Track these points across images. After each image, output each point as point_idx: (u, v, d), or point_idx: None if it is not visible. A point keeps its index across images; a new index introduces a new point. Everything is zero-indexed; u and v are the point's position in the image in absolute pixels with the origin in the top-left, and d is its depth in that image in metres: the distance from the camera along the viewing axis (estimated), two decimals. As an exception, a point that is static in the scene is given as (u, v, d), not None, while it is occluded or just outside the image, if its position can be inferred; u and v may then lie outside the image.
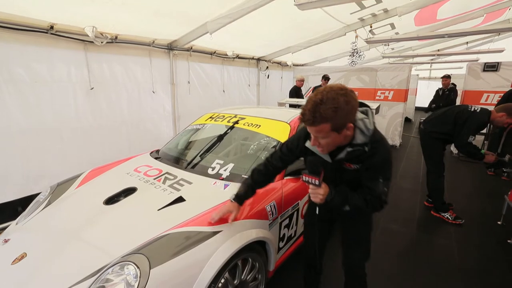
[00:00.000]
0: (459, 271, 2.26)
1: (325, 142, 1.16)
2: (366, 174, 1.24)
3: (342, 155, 1.23)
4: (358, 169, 1.25)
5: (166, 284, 1.19)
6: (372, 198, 1.23)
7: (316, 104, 1.06)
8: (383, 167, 1.22)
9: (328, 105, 1.04)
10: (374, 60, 8.91)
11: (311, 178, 1.19)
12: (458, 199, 3.48)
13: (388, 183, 1.23)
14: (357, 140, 1.19)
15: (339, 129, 1.11)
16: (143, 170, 2.09)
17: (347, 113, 1.08)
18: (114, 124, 3.61)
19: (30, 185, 2.88)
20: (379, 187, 1.21)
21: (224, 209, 1.46)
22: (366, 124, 1.20)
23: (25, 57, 2.71)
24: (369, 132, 1.19)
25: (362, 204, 1.24)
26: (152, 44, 3.83)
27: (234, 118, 2.46)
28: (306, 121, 1.10)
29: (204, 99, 5.03)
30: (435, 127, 3.04)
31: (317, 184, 1.19)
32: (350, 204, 1.24)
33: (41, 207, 1.84)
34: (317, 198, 1.22)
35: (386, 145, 1.24)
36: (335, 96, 1.05)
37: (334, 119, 1.06)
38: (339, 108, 1.05)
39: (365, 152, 1.20)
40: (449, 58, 8.97)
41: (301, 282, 1.94)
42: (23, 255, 1.41)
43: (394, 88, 6.18)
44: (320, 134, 1.13)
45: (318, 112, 1.05)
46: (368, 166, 1.22)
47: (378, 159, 1.20)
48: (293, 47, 5.64)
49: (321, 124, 1.08)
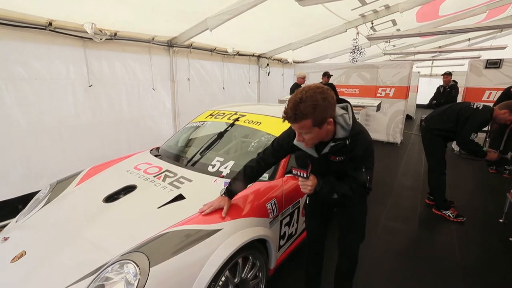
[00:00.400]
0: (461, 269, 2.25)
1: (308, 137, 1.26)
2: (350, 164, 1.36)
3: (326, 150, 1.34)
4: (343, 160, 1.37)
5: (166, 282, 1.18)
6: (357, 186, 1.34)
7: (296, 103, 1.16)
8: (364, 158, 1.33)
9: (307, 102, 1.15)
10: (375, 57, 8.85)
11: (299, 172, 1.31)
12: (459, 197, 3.46)
13: (371, 172, 1.35)
14: (339, 135, 1.30)
15: (320, 124, 1.20)
16: (143, 168, 2.08)
17: (325, 108, 1.18)
18: (113, 121, 3.59)
19: (30, 183, 2.87)
20: (362, 176, 1.33)
21: (215, 203, 1.52)
22: (346, 120, 1.30)
23: (23, 54, 2.69)
24: (348, 127, 1.30)
25: (349, 191, 1.35)
26: (151, 41, 3.80)
27: (234, 115, 2.44)
28: (288, 118, 1.20)
29: (204, 97, 5.01)
30: (437, 124, 3.01)
31: (305, 177, 1.31)
32: (338, 192, 1.35)
33: (40, 204, 1.83)
34: (306, 189, 1.34)
35: (366, 137, 1.34)
36: (313, 94, 1.16)
37: (313, 115, 1.16)
38: (318, 105, 1.15)
39: (346, 145, 1.30)
40: (450, 55, 8.91)
41: (302, 280, 1.94)
42: (22, 253, 1.40)
43: (395, 85, 6.15)
44: (303, 130, 1.22)
45: (299, 110, 1.15)
46: (351, 158, 1.34)
47: (359, 151, 1.31)
48: (294, 44, 5.60)
49: (302, 121, 1.18)
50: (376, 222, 2.94)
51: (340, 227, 1.65)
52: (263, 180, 1.84)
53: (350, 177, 1.37)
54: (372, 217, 3.02)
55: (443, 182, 3.08)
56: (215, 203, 1.52)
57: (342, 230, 1.64)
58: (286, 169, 1.99)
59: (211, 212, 1.50)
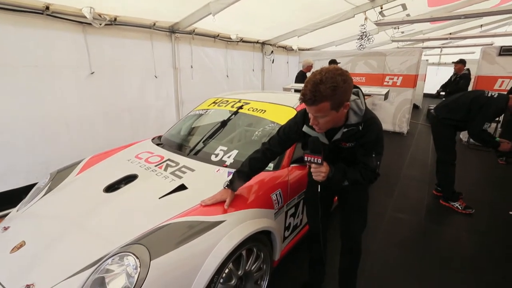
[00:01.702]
0: (469, 262, 2.20)
1: (324, 121, 1.21)
2: (360, 150, 1.33)
3: (338, 136, 1.31)
4: (353, 146, 1.34)
5: (168, 275, 1.14)
6: (367, 172, 1.33)
7: (315, 84, 1.10)
8: (376, 143, 1.31)
9: (327, 84, 1.09)
10: (382, 45, 8.60)
11: (313, 157, 1.25)
12: (467, 189, 3.37)
13: (380, 157, 1.34)
14: (351, 120, 1.27)
15: (337, 107, 1.16)
16: (144, 157, 2.03)
17: (344, 91, 1.14)
18: (116, 109, 3.53)
19: (35, 173, 2.84)
20: (372, 162, 1.31)
21: (217, 196, 1.46)
22: (358, 105, 1.27)
23: (21, 39, 2.61)
24: (361, 112, 1.27)
25: (359, 177, 1.33)
26: (153, 26, 3.69)
27: (238, 103, 2.36)
28: (307, 100, 1.14)
29: (208, 84, 4.91)
30: (448, 113, 2.90)
31: (319, 163, 1.25)
32: (348, 179, 1.32)
33: (41, 194, 1.80)
34: (319, 176, 1.27)
35: (378, 123, 1.32)
36: (333, 76, 1.10)
37: (333, 98, 1.12)
38: (338, 86, 1.10)
39: (359, 131, 1.28)
40: (461, 42, 8.62)
41: (306, 270, 1.91)
42: (21, 243, 1.38)
43: (403, 73, 5.98)
44: (320, 113, 1.17)
45: (318, 91, 1.10)
46: (362, 143, 1.31)
47: (371, 137, 1.29)
48: (299, 30, 5.43)
49: (321, 103, 1.12)
50: (382, 213, 2.88)
51: (343, 215, 1.63)
52: (267, 170, 1.77)
53: (360, 163, 1.34)
54: (378, 208, 2.96)
55: (452, 173, 2.99)
56: (217, 196, 1.46)
57: (345, 218, 1.62)
58: (291, 159, 1.92)
59: (213, 203, 1.45)
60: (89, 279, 1.13)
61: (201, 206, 1.44)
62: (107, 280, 1.12)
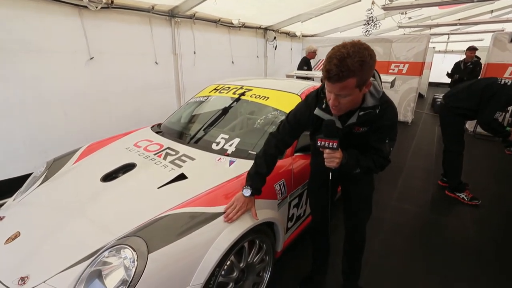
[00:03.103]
0: (475, 254, 2.15)
1: (346, 101, 1.11)
2: (374, 136, 1.26)
3: (353, 119, 1.22)
4: (366, 131, 1.26)
5: (166, 268, 1.09)
6: (379, 159, 1.26)
7: (342, 58, 0.99)
8: (391, 129, 1.25)
9: (355, 58, 0.99)
10: (388, 31, 8.35)
11: (328, 142, 1.15)
12: (474, 179, 3.31)
13: (394, 144, 1.27)
14: (368, 103, 1.19)
15: (362, 85, 1.08)
16: (143, 145, 1.96)
17: (370, 67, 1.06)
18: (115, 96, 3.43)
19: (34, 162, 2.78)
20: (386, 148, 1.24)
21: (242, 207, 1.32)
22: (376, 86, 1.19)
23: (16, 24, 2.50)
24: (379, 94, 1.19)
25: (371, 164, 1.26)
26: (151, 10, 3.54)
27: (240, 89, 2.27)
28: (332, 77, 1.03)
29: (210, 71, 4.77)
30: (458, 102, 2.80)
31: (335, 148, 1.15)
32: (361, 166, 1.25)
33: (37, 183, 1.75)
34: (333, 162, 1.18)
35: (394, 107, 1.25)
36: (359, 50, 1.01)
37: (360, 73, 1.02)
38: (365, 61, 1.01)
39: (376, 114, 1.19)
40: (470, 29, 8.35)
41: (309, 261, 1.87)
42: (16, 234, 1.33)
43: (409, 60, 5.81)
44: (344, 91, 1.07)
45: (346, 66, 0.99)
46: (377, 127, 1.23)
47: (387, 121, 1.22)
48: (304, 15, 5.24)
49: (348, 79, 1.02)
50: (386, 204, 2.83)
51: (348, 205, 1.57)
52: (271, 159, 1.70)
53: (372, 149, 1.27)
54: (382, 198, 2.91)
55: (459, 163, 2.92)
56: (242, 207, 1.32)
57: (350, 207, 1.57)
58: (295, 148, 1.85)
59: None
60: (85, 272, 1.09)
61: (201, 196, 1.38)
62: (104, 272, 1.08)
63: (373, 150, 1.26)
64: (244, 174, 1.55)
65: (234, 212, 1.29)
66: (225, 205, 1.33)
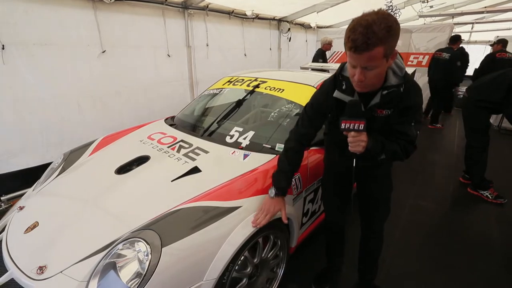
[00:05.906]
0: (500, 256, 2.05)
1: (372, 75, 1.02)
2: (398, 119, 1.15)
3: (376, 100, 1.11)
4: (389, 114, 1.15)
5: (180, 262, 1.08)
6: (405, 143, 1.17)
7: (368, 25, 0.91)
8: (416, 110, 1.16)
9: (382, 24, 0.91)
10: (408, 21, 8.01)
11: (353, 123, 1.05)
12: (498, 177, 3.13)
13: (420, 127, 1.19)
14: (391, 81, 1.09)
15: (389, 55, 0.99)
16: (157, 138, 1.95)
17: (396, 34, 0.97)
18: (128, 89, 3.46)
19: (50, 153, 2.85)
20: (412, 131, 1.16)
21: (270, 209, 1.29)
22: (398, 64, 1.10)
23: (30, 17, 2.53)
24: (402, 72, 1.10)
25: (397, 149, 1.16)
26: (164, 2, 3.52)
27: (254, 81, 2.22)
28: (358, 46, 0.94)
29: (223, 64, 4.74)
30: (483, 95, 2.64)
31: (361, 129, 1.05)
32: (387, 151, 1.15)
33: (54, 174, 1.78)
34: (359, 146, 1.08)
35: (418, 87, 1.16)
36: (384, 16, 0.94)
37: (387, 41, 0.94)
38: (392, 28, 0.94)
39: (400, 93, 1.10)
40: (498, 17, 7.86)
41: (323, 257, 1.82)
42: (35, 224, 1.35)
43: (430, 52, 5.55)
44: (372, 62, 0.97)
45: (372, 32, 0.91)
46: (402, 108, 1.13)
47: (412, 101, 1.13)
48: (319, 5, 5.09)
49: (375, 48, 0.93)
50: (403, 201, 2.73)
51: (366, 203, 1.49)
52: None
53: (396, 133, 1.17)
54: (399, 195, 2.80)
55: (484, 160, 2.77)
56: (270, 210, 1.28)
57: (369, 208, 1.50)
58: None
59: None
60: (100, 263, 1.09)
61: (216, 190, 1.35)
62: (119, 265, 1.07)
63: (397, 134, 1.17)
64: (259, 168, 1.52)
65: (262, 216, 1.27)
66: (240, 200, 1.30)
